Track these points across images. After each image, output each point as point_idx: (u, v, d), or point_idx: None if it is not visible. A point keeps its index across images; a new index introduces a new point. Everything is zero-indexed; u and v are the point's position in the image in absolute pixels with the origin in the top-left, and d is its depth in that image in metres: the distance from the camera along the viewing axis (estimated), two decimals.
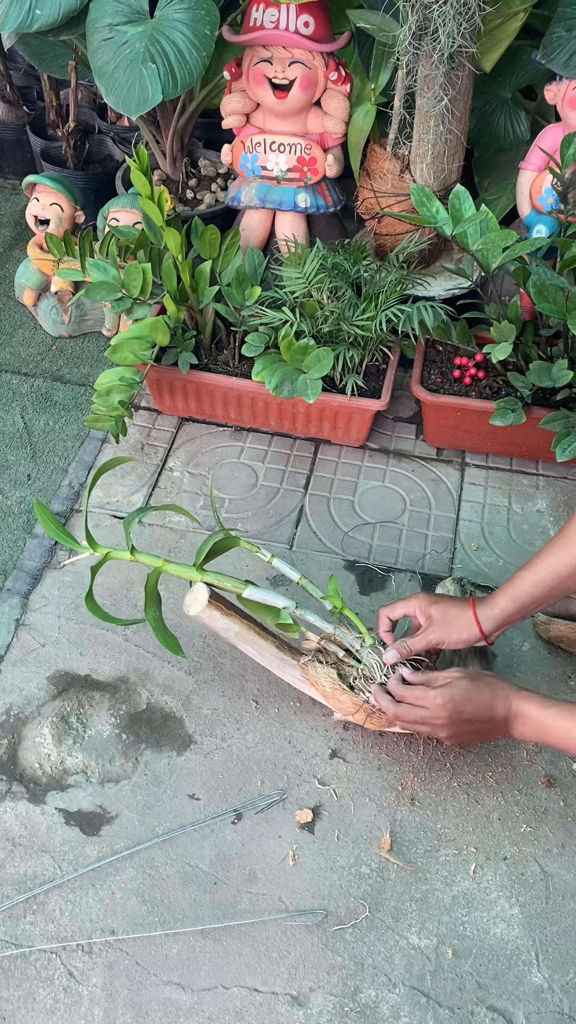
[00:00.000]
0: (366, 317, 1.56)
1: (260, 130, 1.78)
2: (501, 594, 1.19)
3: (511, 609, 1.18)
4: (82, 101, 2.32)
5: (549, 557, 1.17)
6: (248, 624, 1.26)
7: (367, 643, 1.24)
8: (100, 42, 1.56)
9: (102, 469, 1.31)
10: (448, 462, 1.71)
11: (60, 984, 1.08)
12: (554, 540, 1.18)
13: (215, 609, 1.24)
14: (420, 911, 1.15)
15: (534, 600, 1.18)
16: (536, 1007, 1.08)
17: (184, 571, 1.27)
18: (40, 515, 1.27)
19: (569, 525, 1.17)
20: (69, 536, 1.29)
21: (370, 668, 1.22)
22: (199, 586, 1.25)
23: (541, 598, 1.18)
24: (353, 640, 1.25)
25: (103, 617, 1.29)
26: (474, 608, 1.19)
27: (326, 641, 1.26)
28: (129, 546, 1.27)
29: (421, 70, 1.56)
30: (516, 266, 1.51)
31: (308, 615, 1.26)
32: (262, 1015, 1.07)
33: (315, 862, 1.19)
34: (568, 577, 1.16)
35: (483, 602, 1.20)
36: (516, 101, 1.87)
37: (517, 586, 1.18)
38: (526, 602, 1.18)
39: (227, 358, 1.69)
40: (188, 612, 1.25)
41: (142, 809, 1.23)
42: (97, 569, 1.28)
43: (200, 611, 1.23)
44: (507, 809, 1.24)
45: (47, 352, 1.94)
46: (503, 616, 1.18)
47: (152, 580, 1.27)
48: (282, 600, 1.26)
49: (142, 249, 1.65)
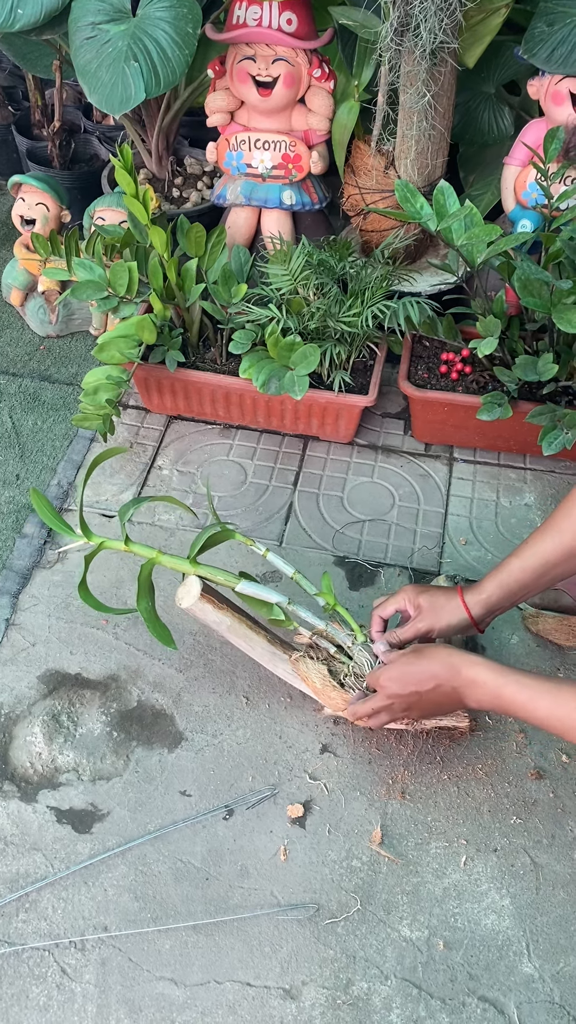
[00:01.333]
0: (352, 313, 1.56)
1: (245, 128, 1.78)
2: (489, 580, 1.20)
3: (499, 595, 1.18)
4: (67, 101, 2.32)
5: (537, 544, 1.17)
6: (240, 618, 1.27)
7: (359, 640, 1.25)
8: (83, 41, 1.56)
9: (99, 458, 1.31)
10: (436, 457, 1.71)
11: (53, 981, 1.09)
12: (541, 528, 1.19)
13: (207, 602, 1.24)
14: (411, 903, 1.15)
15: (522, 586, 1.18)
16: (527, 996, 1.09)
17: (178, 563, 1.27)
18: (36, 503, 1.27)
19: (556, 513, 1.18)
20: (65, 524, 1.28)
21: (361, 666, 1.23)
22: (192, 579, 1.25)
23: (529, 584, 1.18)
24: (345, 637, 1.26)
25: (96, 606, 1.29)
26: (462, 595, 1.20)
27: (318, 637, 1.27)
28: (123, 536, 1.27)
29: (404, 66, 1.56)
30: (501, 261, 1.52)
31: (301, 611, 1.26)
32: (255, 1009, 1.07)
33: (306, 856, 1.19)
34: (555, 564, 1.17)
35: (471, 589, 1.21)
36: (499, 96, 1.87)
37: (505, 572, 1.19)
38: (514, 588, 1.18)
39: (214, 356, 1.70)
40: (180, 605, 1.25)
41: (134, 806, 1.23)
42: (91, 558, 1.28)
43: (192, 604, 1.24)
44: (497, 801, 1.24)
45: (35, 352, 1.94)
46: (491, 602, 1.19)
47: (145, 571, 1.27)
48: (275, 595, 1.26)
49: (128, 248, 1.65)
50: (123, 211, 1.79)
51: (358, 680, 1.22)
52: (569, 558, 1.16)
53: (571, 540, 1.15)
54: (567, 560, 1.16)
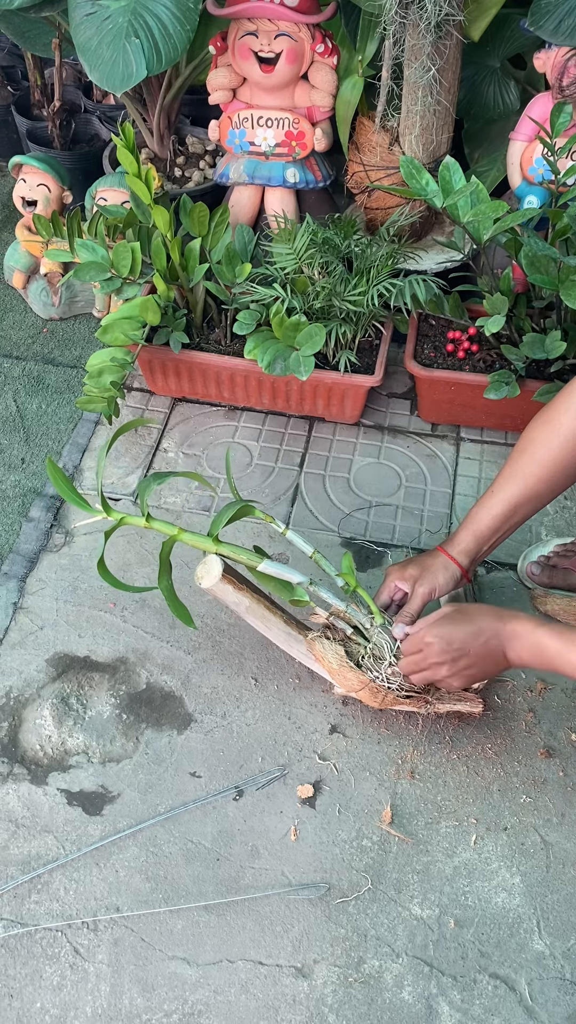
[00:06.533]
0: (358, 292, 1.55)
1: (247, 105, 1.76)
2: (462, 530, 1.27)
3: (471, 541, 1.25)
4: (67, 80, 2.29)
5: (502, 491, 1.24)
6: (258, 599, 1.26)
7: (377, 622, 1.24)
8: (83, 17, 1.54)
9: (122, 429, 1.29)
10: (443, 437, 1.70)
11: (66, 961, 1.09)
12: (504, 473, 1.25)
13: (228, 583, 1.23)
14: (422, 882, 1.16)
15: (493, 531, 1.25)
16: (538, 973, 1.09)
17: (199, 541, 1.26)
18: (53, 476, 1.25)
19: (519, 457, 1.24)
20: (81, 498, 1.27)
21: (380, 648, 1.22)
22: (212, 559, 1.24)
23: (499, 528, 1.25)
24: (363, 618, 1.25)
25: (113, 583, 1.27)
26: (442, 550, 1.27)
27: (335, 618, 1.26)
28: (144, 513, 1.26)
29: (408, 40, 1.54)
30: (507, 238, 1.50)
31: (322, 591, 1.25)
32: (267, 987, 1.08)
33: (317, 836, 1.19)
34: (520, 506, 1.24)
35: (447, 543, 1.28)
36: (505, 70, 1.85)
37: (475, 521, 1.26)
38: (486, 534, 1.25)
39: (219, 337, 1.69)
40: (200, 585, 1.24)
41: (144, 788, 1.24)
42: (110, 533, 1.27)
43: (213, 584, 1.23)
44: (507, 780, 1.24)
45: (38, 335, 1.93)
46: (469, 549, 1.25)
47: (166, 549, 1.26)
48: (297, 575, 1.25)
49: (130, 228, 1.63)
50: (125, 191, 1.78)
51: (375, 662, 1.22)
52: (533, 499, 1.24)
53: (534, 483, 1.22)
54: (531, 502, 1.24)
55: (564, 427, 1.20)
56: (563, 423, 1.20)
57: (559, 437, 1.21)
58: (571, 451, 1.20)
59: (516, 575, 1.47)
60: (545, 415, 1.23)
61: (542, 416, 1.24)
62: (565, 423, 1.20)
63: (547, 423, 1.22)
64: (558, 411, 1.22)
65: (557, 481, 1.23)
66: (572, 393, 1.21)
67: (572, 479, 1.24)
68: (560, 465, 1.22)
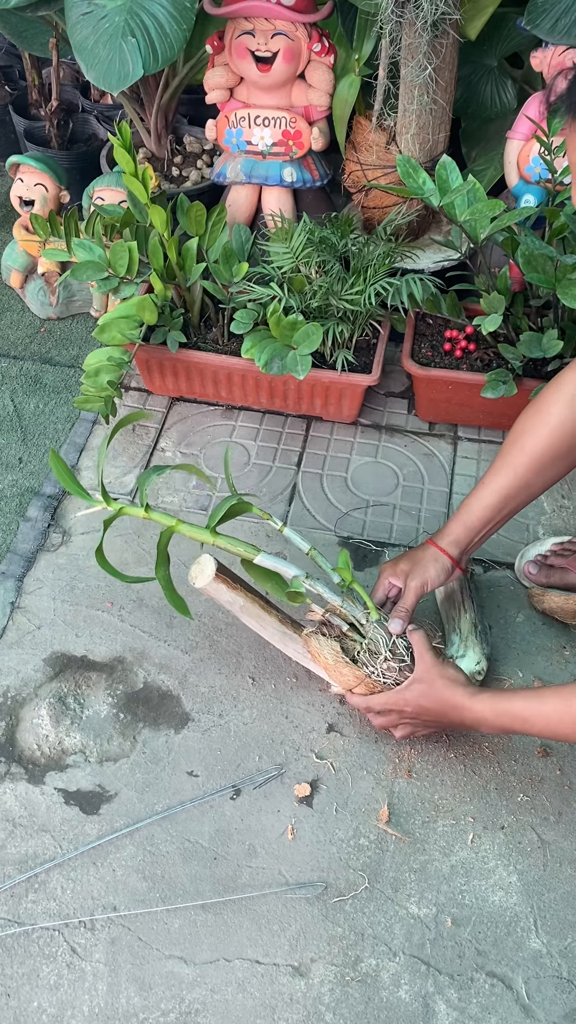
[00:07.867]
0: (355, 291, 1.55)
1: (244, 104, 1.76)
2: (452, 521, 1.27)
3: (462, 531, 1.26)
4: (64, 79, 2.29)
5: (493, 482, 1.24)
6: (253, 598, 1.26)
7: (373, 618, 1.24)
8: (79, 17, 1.54)
9: (123, 422, 1.28)
10: (440, 436, 1.71)
11: (63, 960, 1.09)
12: (495, 465, 1.25)
13: (222, 582, 1.23)
14: (419, 881, 1.16)
15: (484, 522, 1.25)
16: (535, 972, 1.09)
17: (197, 532, 1.25)
18: (55, 466, 1.24)
19: (510, 449, 1.24)
20: (82, 489, 1.26)
21: (375, 643, 1.22)
22: (206, 558, 1.24)
23: (490, 519, 1.25)
24: (360, 614, 1.25)
25: (112, 572, 1.26)
26: (432, 542, 1.27)
27: (330, 614, 1.26)
28: (143, 504, 1.26)
29: (404, 38, 1.54)
30: (504, 237, 1.50)
31: (319, 586, 1.25)
32: (264, 986, 1.08)
33: (314, 835, 1.19)
34: (511, 497, 1.24)
35: (438, 535, 1.28)
36: (502, 69, 1.85)
37: (466, 513, 1.26)
38: (477, 525, 1.26)
39: (216, 336, 1.69)
40: (194, 584, 1.24)
41: (141, 787, 1.24)
42: (110, 523, 1.26)
43: (207, 584, 1.23)
44: (504, 779, 1.24)
45: (35, 334, 1.93)
46: (459, 539, 1.26)
47: (164, 539, 1.25)
48: (293, 569, 1.25)
49: (128, 228, 1.63)
50: (122, 191, 1.78)
51: (371, 657, 1.22)
52: (524, 490, 1.24)
53: (524, 473, 1.22)
54: (522, 493, 1.24)
55: (553, 417, 1.20)
56: (552, 413, 1.21)
57: (548, 427, 1.21)
58: (561, 441, 1.21)
59: (513, 574, 1.48)
60: (535, 406, 1.23)
61: (532, 407, 1.24)
62: (555, 413, 1.20)
63: (537, 414, 1.22)
64: (547, 402, 1.22)
65: (548, 471, 1.23)
66: (561, 384, 1.21)
67: (563, 469, 1.24)
68: (550, 455, 1.22)
